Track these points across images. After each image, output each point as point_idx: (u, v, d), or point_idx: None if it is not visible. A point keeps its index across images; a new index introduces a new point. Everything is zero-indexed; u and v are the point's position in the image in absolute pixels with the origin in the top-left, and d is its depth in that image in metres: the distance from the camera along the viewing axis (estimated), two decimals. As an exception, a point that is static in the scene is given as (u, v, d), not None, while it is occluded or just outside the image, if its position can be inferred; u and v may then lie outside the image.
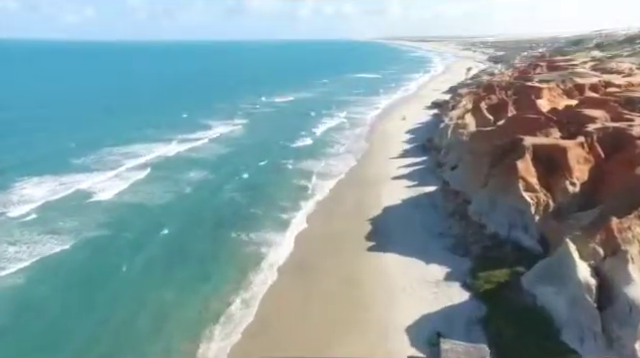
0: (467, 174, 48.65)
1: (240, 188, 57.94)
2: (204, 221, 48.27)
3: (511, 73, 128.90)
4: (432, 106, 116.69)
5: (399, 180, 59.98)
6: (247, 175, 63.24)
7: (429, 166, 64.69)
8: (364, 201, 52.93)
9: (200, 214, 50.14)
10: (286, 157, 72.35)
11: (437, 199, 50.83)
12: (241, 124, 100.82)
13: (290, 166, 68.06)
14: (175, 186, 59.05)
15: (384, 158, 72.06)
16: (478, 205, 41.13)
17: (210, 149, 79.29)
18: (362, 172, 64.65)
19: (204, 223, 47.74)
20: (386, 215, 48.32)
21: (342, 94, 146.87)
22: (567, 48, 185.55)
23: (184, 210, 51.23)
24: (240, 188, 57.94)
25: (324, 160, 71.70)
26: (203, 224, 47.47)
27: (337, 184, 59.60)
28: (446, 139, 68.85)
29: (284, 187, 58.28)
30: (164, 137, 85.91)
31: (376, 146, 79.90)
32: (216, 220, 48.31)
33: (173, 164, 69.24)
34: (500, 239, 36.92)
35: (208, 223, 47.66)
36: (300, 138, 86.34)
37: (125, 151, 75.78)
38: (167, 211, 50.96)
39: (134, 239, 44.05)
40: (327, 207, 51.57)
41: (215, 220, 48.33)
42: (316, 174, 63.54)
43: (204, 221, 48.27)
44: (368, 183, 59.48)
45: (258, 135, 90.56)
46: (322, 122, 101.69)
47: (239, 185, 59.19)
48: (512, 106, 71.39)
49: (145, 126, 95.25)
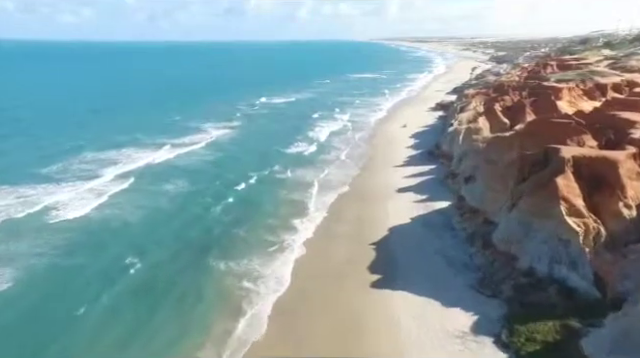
0: (487, 189, 41.09)
1: (232, 205, 50.05)
2: (188, 247, 40.39)
3: (520, 73, 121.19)
4: (436, 108, 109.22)
5: (406, 193, 52.40)
6: (240, 188, 55.35)
7: (439, 176, 57.15)
8: (368, 220, 45.34)
9: (184, 237, 42.32)
10: (284, 165, 64.60)
11: (452, 218, 43.24)
12: (238, 127, 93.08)
13: (289, 177, 60.29)
14: (157, 202, 51.25)
15: (388, 166, 64.48)
16: (506, 230, 33.56)
17: (202, 156, 71.47)
18: (365, 183, 57.05)
19: (187, 249, 39.86)
20: (393, 238, 40.72)
21: (344, 95, 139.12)
22: (574, 47, 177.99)
23: (165, 233, 43.27)
24: (232, 205, 50.05)
25: (326, 168, 64.01)
26: (186, 251, 39.61)
27: (338, 198, 51.95)
28: (457, 145, 61.27)
29: (281, 203, 50.47)
30: (154, 142, 78.33)
31: (379, 152, 72.32)
32: (201, 245, 40.46)
33: (159, 174, 61.33)
34: (539, 276, 29.29)
35: (192, 250, 39.79)
36: (300, 143, 78.78)
37: (108, 158, 67.99)
38: (145, 234, 43.13)
39: (100, 271, 36.19)
40: (327, 228, 43.84)
41: (200, 246, 40.48)
42: (316, 186, 55.83)
43: (188, 247, 40.39)
44: (372, 197, 51.90)
45: (255, 140, 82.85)
46: (324, 125, 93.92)
47: (231, 200, 51.29)
48: (529, 108, 64.00)
49: (135, 129, 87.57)
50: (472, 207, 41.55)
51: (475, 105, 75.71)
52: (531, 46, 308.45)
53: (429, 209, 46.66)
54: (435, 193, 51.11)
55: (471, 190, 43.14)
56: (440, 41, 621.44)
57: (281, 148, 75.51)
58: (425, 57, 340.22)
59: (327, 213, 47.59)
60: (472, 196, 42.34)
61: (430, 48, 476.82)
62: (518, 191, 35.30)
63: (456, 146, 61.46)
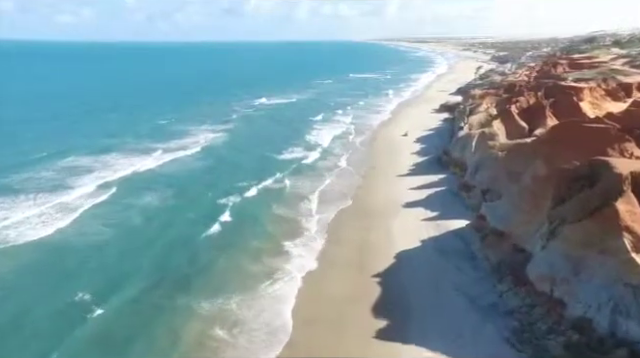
0: (513, 209, 34.05)
1: (221, 224, 42.28)
2: (165, 281, 32.63)
3: (528, 72, 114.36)
4: (441, 109, 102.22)
5: (414, 209, 45.31)
6: (232, 202, 47.59)
7: (450, 188, 50.10)
8: (371, 243, 38.27)
9: (163, 267, 34.76)
10: (282, 175, 57.18)
11: (471, 241, 36.18)
12: (235, 131, 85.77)
13: (286, 188, 52.92)
14: (137, 220, 43.71)
15: (392, 175, 57.40)
16: (546, 265, 26.51)
17: (195, 163, 63.98)
18: (368, 196, 49.92)
19: (164, 285, 32.06)
20: (401, 268, 33.65)
21: (346, 96, 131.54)
22: (580, 46, 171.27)
23: (141, 262, 35.45)
24: (221, 224, 42.28)
25: (326, 178, 56.79)
26: (163, 286, 31.86)
27: (338, 215, 44.70)
28: (470, 153, 54.26)
29: (276, 222, 43.06)
30: (144, 146, 71.27)
31: (383, 159, 65.23)
32: (182, 278, 32.92)
33: (144, 185, 53.73)
34: (598, 333, 22.23)
35: (170, 285, 32.07)
36: (300, 149, 71.43)
37: (90, 165, 60.63)
38: (116, 263, 35.52)
39: (52, 316, 28.56)
40: (325, 254, 36.62)
41: (181, 278, 32.93)
42: (315, 200, 48.52)
43: (165, 281, 32.63)
44: (375, 213, 44.81)
45: (252, 145, 75.54)
46: (325, 129, 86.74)
47: (221, 219, 43.53)
48: (549, 111, 57.09)
49: (125, 132, 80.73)
50: (495, 229, 34.48)
51: (486, 107, 68.80)
52: (532, 46, 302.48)
53: (442, 229, 39.59)
54: (448, 209, 44.05)
55: (493, 209, 36.07)
56: (439, 41, 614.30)
57: (279, 154, 68.35)
58: (426, 57, 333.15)
59: (326, 233, 40.37)
60: (495, 216, 35.28)
61: (430, 48, 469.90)
62: (558, 215, 28.26)
63: (469, 153, 54.47)
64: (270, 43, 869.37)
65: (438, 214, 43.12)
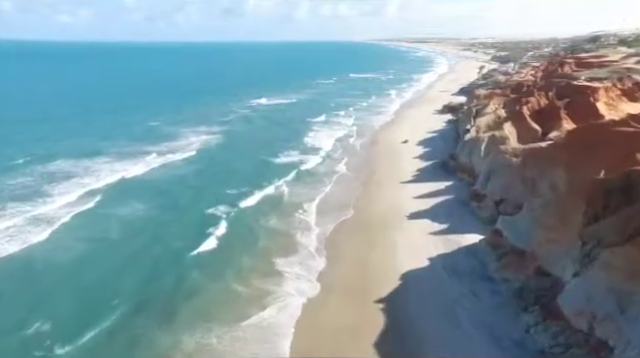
0: (535, 224, 29.92)
1: (211, 242, 37.68)
2: (142, 312, 28.35)
3: (534, 72, 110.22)
4: (444, 110, 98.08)
5: (419, 220, 41.19)
6: (225, 214, 43.06)
7: (459, 197, 45.97)
8: (374, 261, 34.16)
9: (141, 295, 30.13)
10: (280, 182, 52.90)
11: (486, 260, 32.06)
12: (233, 133, 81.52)
13: (284, 197, 48.62)
14: (118, 237, 39.15)
15: (395, 182, 53.32)
16: (583, 298, 22.44)
17: (186, 169, 59.29)
18: (369, 206, 45.77)
19: (140, 317, 27.74)
20: (408, 292, 29.55)
21: (347, 96, 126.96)
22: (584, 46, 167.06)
23: (115, 290, 30.65)
24: (211, 242, 37.68)
25: (326, 185, 52.63)
26: (137, 319, 27.58)
27: (338, 228, 40.55)
28: (479, 158, 50.14)
29: (270, 237, 38.59)
30: (134, 150, 67.05)
31: (384, 163, 61.12)
32: (163, 311, 28.28)
33: (128, 196, 49.07)
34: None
35: (147, 318, 27.62)
36: (300, 152, 66.97)
37: (73, 172, 56.08)
38: (87, 291, 30.98)
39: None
40: (323, 275, 32.49)
41: (162, 311, 28.28)
42: (313, 211, 44.19)
43: (142, 312, 28.35)
44: (378, 225, 40.72)
45: (250, 148, 70.93)
46: (326, 130, 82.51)
47: (210, 235, 38.98)
48: (564, 112, 53.01)
49: (117, 134, 76.58)
50: (515, 248, 30.41)
51: (494, 108, 64.57)
52: (532, 46, 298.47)
53: (452, 245, 35.50)
54: (457, 221, 39.97)
55: (511, 224, 31.96)
56: (439, 42, 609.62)
57: (277, 158, 64.18)
58: (426, 57, 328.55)
59: (325, 250, 36.26)
60: (513, 232, 31.19)
61: (430, 48, 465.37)
62: (592, 235, 24.20)
63: (477, 158, 50.36)
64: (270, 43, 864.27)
65: (447, 227, 39.03)
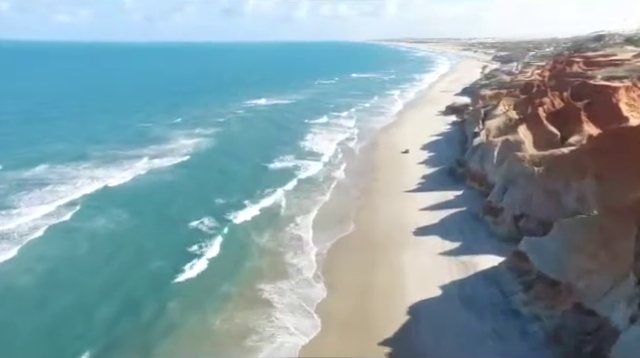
0: (570, 249, 25.21)
1: (198, 268, 32.55)
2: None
3: (540, 71, 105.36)
4: (447, 111, 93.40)
5: (428, 237, 36.47)
6: (215, 231, 38.47)
7: (470, 208, 41.23)
8: (378, 289, 29.44)
9: (113, 334, 25.60)
10: (276, 191, 48.07)
11: (510, 290, 27.31)
12: (229, 135, 77.17)
13: (280, 209, 43.81)
14: (90, 260, 34.32)
15: (399, 191, 48.63)
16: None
17: (176, 176, 54.35)
18: (371, 219, 41.04)
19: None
20: (419, 331, 24.83)
21: (349, 96, 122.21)
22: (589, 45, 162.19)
23: (83, 328, 26.20)
24: (198, 268, 32.55)
25: (325, 194, 48.05)
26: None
27: (337, 247, 35.78)
28: (491, 165, 45.40)
29: (264, 261, 33.69)
30: (123, 154, 62.70)
31: (387, 170, 56.42)
32: (135, 356, 24.09)
33: (110, 208, 43.93)
34: None
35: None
36: (298, 158, 62.23)
37: (54, 180, 51.42)
38: (49, 329, 26.33)
39: None
40: (322, 309, 27.60)
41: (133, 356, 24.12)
42: (310, 228, 39.19)
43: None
44: (381, 243, 36.05)
45: (245, 153, 65.95)
46: (326, 134, 77.77)
47: (198, 258, 33.98)
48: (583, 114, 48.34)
49: (108, 137, 72.24)
50: (545, 277, 25.72)
51: (505, 109, 59.86)
52: (533, 46, 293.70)
53: (467, 269, 30.79)
54: (471, 238, 35.29)
55: (538, 247, 27.24)
56: (438, 42, 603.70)
57: (274, 163, 59.46)
58: (426, 57, 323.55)
59: (322, 274, 31.52)
60: (542, 258, 26.48)
61: (430, 49, 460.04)
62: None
63: (490, 166, 45.63)
64: (269, 43, 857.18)
65: (459, 246, 34.33)
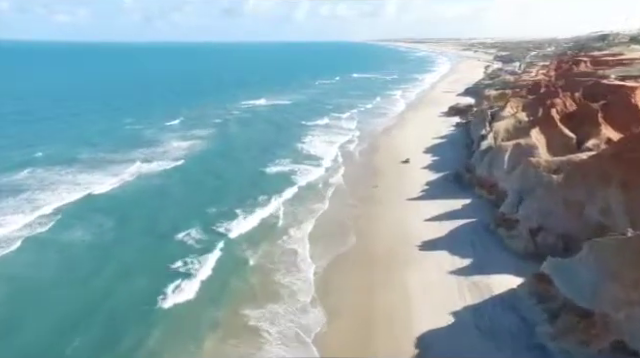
0: (606, 277, 21.65)
1: (183, 292, 28.62)
2: None
3: (545, 71, 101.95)
4: (450, 112, 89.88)
5: (435, 252, 32.92)
6: (203, 246, 34.73)
7: (481, 219, 37.65)
8: (381, 315, 25.85)
9: None
10: (270, 200, 44.27)
11: (533, 319, 23.76)
12: (226, 137, 73.72)
13: (274, 221, 39.95)
14: (63, 281, 30.63)
15: (401, 198, 45.05)
16: None
17: (166, 183, 50.57)
18: (372, 231, 37.42)
19: None
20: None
21: (350, 97, 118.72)
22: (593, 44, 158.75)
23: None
24: (183, 292, 28.62)
25: (324, 202, 44.54)
26: None
27: (335, 264, 32.11)
28: (502, 171, 41.82)
29: (256, 282, 30.07)
30: (113, 157, 59.41)
31: (388, 175, 52.77)
32: None
33: (92, 219, 40.30)
34: None
35: None
36: (296, 162, 58.54)
37: (36, 186, 47.91)
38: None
39: None
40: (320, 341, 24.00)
41: None
42: (306, 242, 35.42)
43: None
44: (383, 259, 32.46)
45: (241, 157, 62.09)
46: (326, 136, 74.01)
47: (183, 279, 30.16)
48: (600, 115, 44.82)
49: (99, 139, 68.81)
50: (574, 306, 22.17)
51: (513, 111, 56.39)
52: (533, 46, 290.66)
53: (481, 292, 27.21)
54: (483, 254, 31.71)
55: (565, 270, 23.67)
56: (438, 42, 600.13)
57: (271, 168, 55.75)
58: (427, 57, 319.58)
59: (319, 297, 27.90)
60: (570, 283, 22.93)
61: (429, 49, 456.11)
62: None
63: (500, 172, 42.04)
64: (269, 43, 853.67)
65: (470, 263, 30.77)
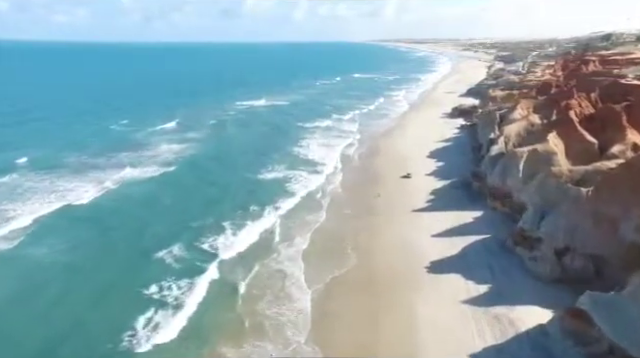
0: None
1: (157, 332, 24.31)
2: None
3: (552, 71, 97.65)
4: (454, 113, 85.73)
5: (447, 275, 28.65)
6: (190, 265, 30.86)
7: (497, 236, 33.38)
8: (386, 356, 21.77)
9: None
10: (262, 212, 40.11)
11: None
12: (222, 141, 69.57)
13: (263, 238, 35.56)
14: (22, 314, 26.30)
15: (405, 209, 40.79)
16: None
17: (154, 192, 46.17)
18: (374, 250, 33.15)
19: None
20: None
21: (351, 97, 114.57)
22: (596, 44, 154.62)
23: None
24: (157, 332, 24.31)
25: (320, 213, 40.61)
26: None
27: (332, 289, 27.96)
28: (516, 179, 37.55)
29: (244, 313, 26.07)
30: (99, 162, 55.46)
31: (391, 183, 48.46)
32: None
33: (66, 235, 36.36)
34: None
35: None
36: (293, 168, 54.31)
37: (8, 198, 43.65)
38: None
39: None
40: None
41: None
42: (300, 262, 31.35)
43: None
44: (387, 284, 28.20)
45: (235, 162, 57.77)
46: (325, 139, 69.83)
47: (159, 311, 26.13)
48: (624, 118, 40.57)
49: (89, 143, 64.32)
50: (623, 351, 17.93)
51: (524, 113, 52.10)
52: (534, 46, 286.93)
53: (504, 328, 22.93)
54: (503, 279, 27.46)
55: (610, 308, 19.41)
56: (437, 42, 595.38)
57: (266, 175, 51.61)
58: (427, 57, 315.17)
59: (314, 332, 23.72)
60: (617, 324, 18.70)
61: (429, 49, 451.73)
62: None
63: (514, 181, 37.75)
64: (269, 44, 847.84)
65: (489, 290, 26.49)
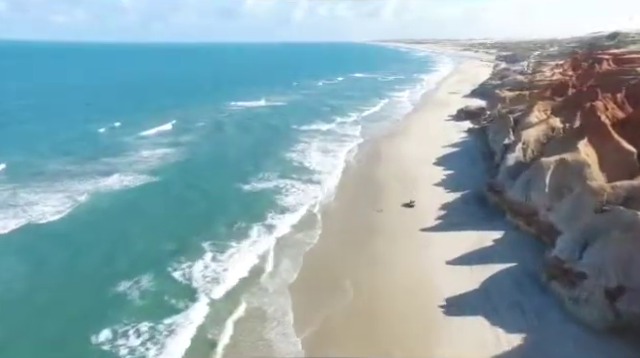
0: None
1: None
2: None
3: (562, 70, 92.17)
4: (460, 115, 79.99)
5: (467, 318, 22.98)
6: (155, 302, 25.56)
7: (524, 265, 27.75)
8: None
9: None
10: (251, 231, 34.50)
11: None
12: (216, 145, 64.57)
13: (256, 266, 29.60)
14: None
15: (413, 228, 35.05)
16: None
17: (131, 205, 40.95)
18: (376, 280, 27.33)
19: None
20: None
21: (354, 98, 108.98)
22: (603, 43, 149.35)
23: None
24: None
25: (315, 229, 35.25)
26: None
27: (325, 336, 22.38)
28: (542, 193, 31.94)
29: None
30: (75, 169, 50.04)
31: (395, 195, 42.50)
32: None
33: (21, 262, 30.61)
34: None
35: None
36: (287, 177, 48.51)
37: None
38: None
39: None
40: None
41: None
42: (290, 300, 25.71)
43: None
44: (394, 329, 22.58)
45: (226, 169, 52.00)
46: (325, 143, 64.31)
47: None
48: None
49: (70, 149, 58.82)
50: None
51: (543, 116, 46.52)
52: (535, 45, 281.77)
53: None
54: (537, 325, 21.86)
55: None
56: (437, 42, 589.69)
57: (256, 185, 45.61)
58: (428, 57, 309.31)
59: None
60: None
61: (429, 49, 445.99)
62: None
63: (540, 196, 32.12)
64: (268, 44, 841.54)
65: (523, 341, 20.83)
